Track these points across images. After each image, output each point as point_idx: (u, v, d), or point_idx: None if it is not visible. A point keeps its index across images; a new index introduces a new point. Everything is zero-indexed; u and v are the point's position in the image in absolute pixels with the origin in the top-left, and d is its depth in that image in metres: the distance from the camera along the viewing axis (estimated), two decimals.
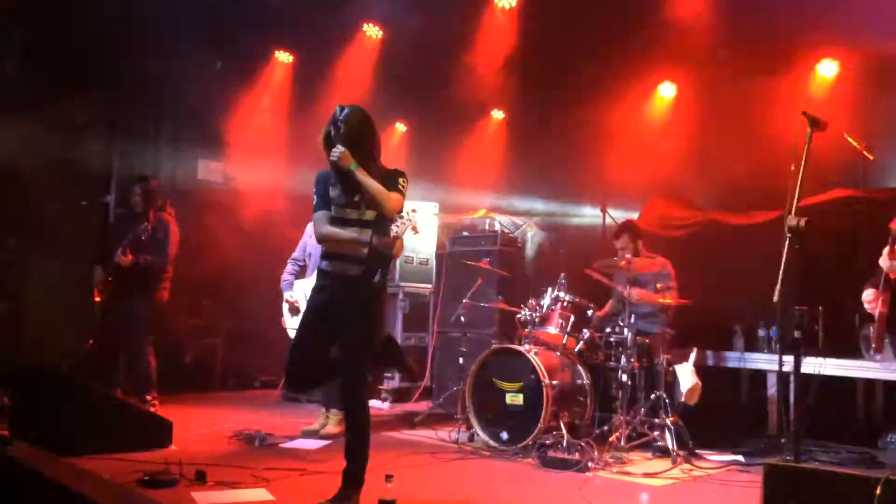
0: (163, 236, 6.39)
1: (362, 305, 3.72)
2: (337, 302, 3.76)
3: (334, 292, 3.79)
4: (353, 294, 3.73)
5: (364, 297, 3.72)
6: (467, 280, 6.79)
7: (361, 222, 3.79)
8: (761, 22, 6.18)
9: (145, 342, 6.35)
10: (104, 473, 3.98)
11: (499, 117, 8.91)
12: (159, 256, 6.34)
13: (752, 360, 5.96)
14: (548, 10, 6.82)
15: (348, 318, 3.71)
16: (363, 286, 3.70)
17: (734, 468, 5.08)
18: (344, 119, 3.73)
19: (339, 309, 3.74)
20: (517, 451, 5.25)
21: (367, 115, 3.83)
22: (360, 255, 3.74)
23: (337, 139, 3.70)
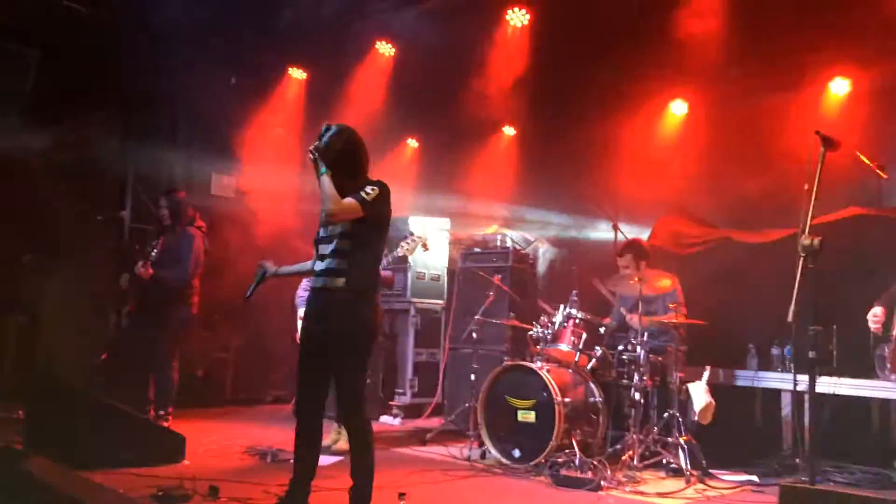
0: (184, 252, 6.35)
1: (346, 316, 3.65)
2: (322, 317, 3.73)
3: (318, 310, 3.77)
4: (336, 307, 3.68)
5: (347, 307, 3.65)
6: (479, 296, 6.79)
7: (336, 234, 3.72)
8: (773, 40, 6.19)
9: (171, 357, 6.34)
10: (118, 488, 3.99)
11: (510, 134, 8.94)
12: (178, 272, 6.30)
13: (766, 379, 5.92)
14: (559, 28, 6.85)
15: (334, 331, 3.67)
16: (345, 299, 3.65)
17: (748, 488, 5.05)
18: (327, 137, 3.72)
19: (325, 324, 3.71)
20: (529, 468, 5.23)
21: (351, 134, 3.80)
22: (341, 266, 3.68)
23: (319, 156, 3.68)
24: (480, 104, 7.49)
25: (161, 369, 6.31)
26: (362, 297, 3.70)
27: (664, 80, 6.93)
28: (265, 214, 8.16)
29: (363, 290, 3.71)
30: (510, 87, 7.26)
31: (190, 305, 6.46)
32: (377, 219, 3.73)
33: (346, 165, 3.73)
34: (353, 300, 3.66)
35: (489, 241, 8.14)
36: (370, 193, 3.65)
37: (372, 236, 3.75)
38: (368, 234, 3.72)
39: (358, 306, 3.67)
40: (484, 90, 7.33)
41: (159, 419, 6.07)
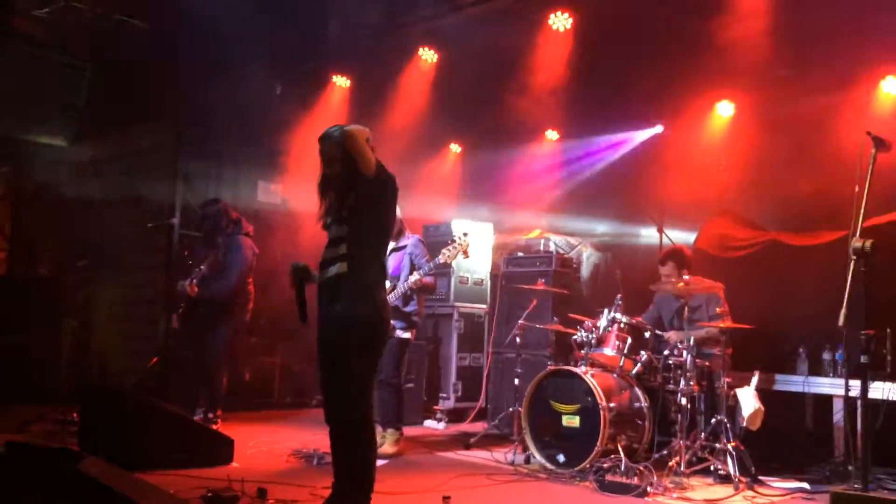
0: (231, 261, 6.44)
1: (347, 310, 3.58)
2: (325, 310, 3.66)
3: (324, 300, 3.68)
4: (337, 298, 3.61)
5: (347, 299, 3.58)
6: (522, 301, 6.79)
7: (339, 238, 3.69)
8: (823, 39, 6.07)
9: (222, 361, 6.47)
10: (168, 489, 4.08)
11: (553, 137, 8.92)
12: (224, 284, 6.40)
13: (817, 384, 5.80)
14: (602, 31, 6.81)
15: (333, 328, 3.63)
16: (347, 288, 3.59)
17: (799, 496, 4.95)
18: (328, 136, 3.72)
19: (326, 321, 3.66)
20: (574, 474, 5.20)
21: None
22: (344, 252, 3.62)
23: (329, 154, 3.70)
24: (523, 108, 7.48)
25: (211, 373, 6.44)
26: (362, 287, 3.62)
27: (710, 81, 6.84)
28: (310, 220, 8.26)
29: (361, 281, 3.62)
30: (553, 91, 7.24)
31: (243, 313, 6.57)
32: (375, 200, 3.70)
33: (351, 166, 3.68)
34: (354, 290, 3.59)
35: (532, 246, 8.13)
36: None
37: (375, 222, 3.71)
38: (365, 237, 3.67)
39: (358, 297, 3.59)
40: (526, 94, 7.32)
41: (209, 422, 6.20)
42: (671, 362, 5.57)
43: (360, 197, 3.65)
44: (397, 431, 5.90)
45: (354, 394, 3.58)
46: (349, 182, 3.67)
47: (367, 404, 3.65)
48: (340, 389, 3.61)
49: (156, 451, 4.80)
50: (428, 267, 5.73)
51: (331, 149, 3.69)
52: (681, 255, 6.08)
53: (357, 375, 3.59)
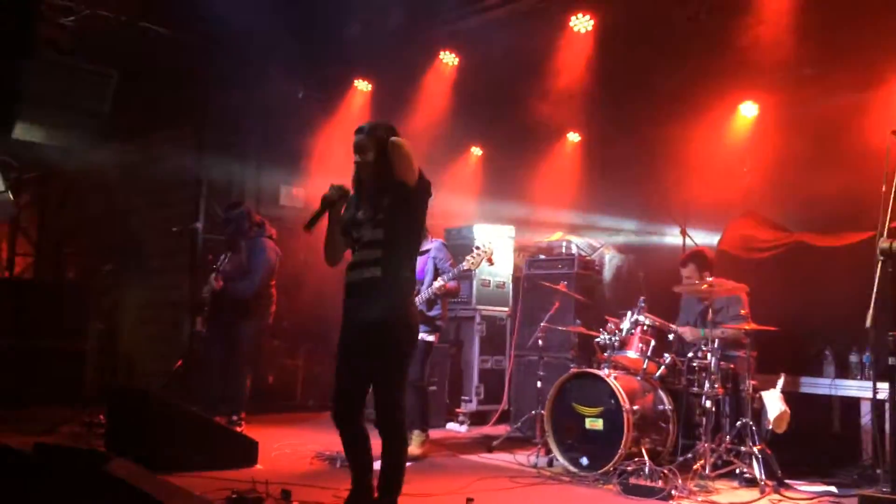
0: (255, 264, 6.49)
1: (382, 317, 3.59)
2: (356, 321, 3.66)
3: (355, 305, 3.67)
4: (370, 308, 3.60)
5: (381, 310, 3.58)
6: (544, 303, 6.78)
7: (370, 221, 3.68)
8: (848, 38, 6.01)
9: (245, 364, 6.52)
10: (194, 491, 4.11)
11: (575, 140, 8.89)
12: (247, 284, 6.45)
13: (844, 386, 5.73)
14: (624, 32, 6.79)
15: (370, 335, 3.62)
16: (379, 298, 3.59)
17: (826, 500, 4.89)
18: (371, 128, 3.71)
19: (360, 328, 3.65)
20: (598, 477, 5.18)
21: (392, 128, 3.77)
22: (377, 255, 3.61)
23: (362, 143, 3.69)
24: (544, 110, 7.48)
25: (235, 376, 6.49)
26: (397, 296, 3.63)
27: (733, 81, 6.79)
28: None
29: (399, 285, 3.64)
30: (574, 92, 7.22)
31: (267, 315, 6.62)
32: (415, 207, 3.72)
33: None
34: (389, 299, 3.59)
35: (554, 248, 8.10)
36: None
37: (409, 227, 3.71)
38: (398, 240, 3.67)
39: (393, 306, 3.60)
40: (548, 96, 7.31)
41: (232, 424, 6.23)
42: (695, 365, 5.53)
43: (395, 201, 3.65)
44: (423, 433, 5.94)
45: (398, 398, 3.64)
46: (383, 185, 3.67)
47: (405, 407, 3.70)
48: (383, 394, 3.64)
49: (181, 453, 4.84)
50: (452, 272, 5.75)
51: (364, 141, 3.70)
52: (702, 257, 6.05)
53: (398, 380, 3.65)
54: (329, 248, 3.81)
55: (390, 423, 3.64)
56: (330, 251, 3.82)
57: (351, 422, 3.75)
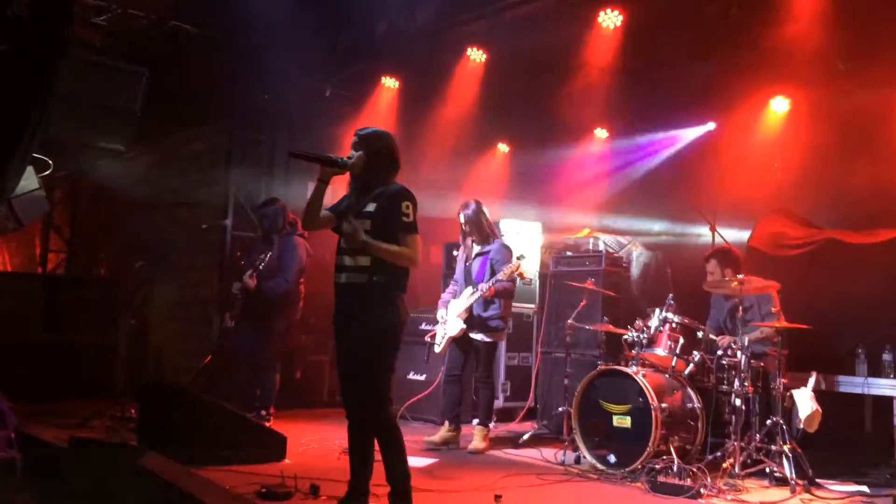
0: (287, 261, 6.56)
1: (372, 316, 3.73)
2: (347, 315, 3.81)
3: (345, 306, 3.84)
4: (361, 305, 3.75)
5: (371, 306, 3.73)
6: (571, 300, 6.75)
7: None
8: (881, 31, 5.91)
9: (274, 360, 6.64)
10: (223, 484, 4.16)
11: (602, 136, 8.85)
12: (279, 282, 6.52)
13: (877, 385, 5.64)
14: (653, 28, 6.74)
15: (359, 330, 3.75)
16: (370, 296, 3.73)
17: (858, 499, 4.83)
18: (365, 136, 3.91)
19: (351, 322, 3.80)
20: (625, 474, 5.15)
21: (388, 138, 3.98)
22: (363, 263, 3.75)
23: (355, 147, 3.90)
24: (572, 107, 7.45)
25: (264, 371, 6.59)
26: (386, 295, 3.76)
27: (764, 77, 6.72)
28: None
29: (387, 287, 3.77)
30: (602, 89, 7.19)
31: (295, 311, 6.72)
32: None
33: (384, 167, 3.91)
34: (377, 298, 3.74)
35: (581, 245, 8.07)
36: (409, 215, 3.79)
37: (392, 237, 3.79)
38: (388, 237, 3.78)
39: (380, 302, 3.75)
40: (576, 93, 7.28)
41: (261, 419, 6.31)
42: (725, 363, 5.49)
43: (383, 205, 3.80)
44: (486, 428, 6.18)
45: (383, 394, 3.77)
46: (369, 188, 3.86)
47: (391, 400, 3.84)
48: (369, 393, 3.77)
49: (211, 448, 4.90)
50: (490, 282, 5.95)
51: (358, 141, 3.91)
52: (725, 253, 6.01)
53: (383, 377, 3.78)
54: (308, 213, 3.93)
55: (377, 419, 3.76)
56: (308, 217, 3.95)
57: (357, 416, 3.88)
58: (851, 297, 5.97)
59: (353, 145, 3.93)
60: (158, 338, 9.16)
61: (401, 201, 3.79)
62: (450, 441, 6.14)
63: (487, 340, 6.15)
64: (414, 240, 3.79)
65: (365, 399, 3.79)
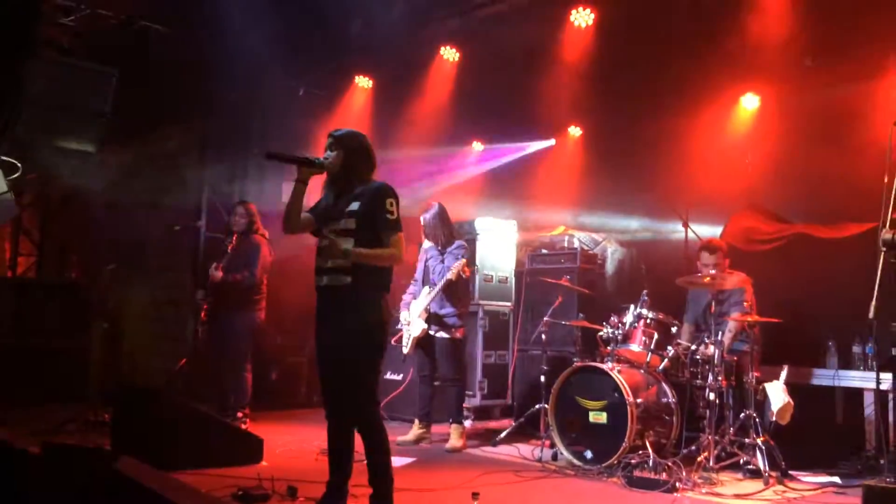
0: (252, 256, 6.62)
1: (354, 317, 3.73)
2: (329, 319, 3.81)
3: (327, 308, 3.83)
4: (343, 306, 3.75)
5: (354, 309, 3.74)
6: (547, 298, 6.78)
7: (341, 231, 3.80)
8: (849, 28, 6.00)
9: (243, 360, 6.63)
10: (200, 488, 4.13)
11: (576, 134, 8.89)
12: (248, 276, 6.57)
13: (847, 377, 5.73)
14: (624, 26, 6.79)
15: (342, 332, 3.75)
16: (351, 298, 3.73)
17: (830, 490, 4.91)
18: (340, 136, 3.90)
19: (334, 326, 3.79)
20: (602, 470, 5.19)
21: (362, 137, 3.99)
22: (342, 264, 3.73)
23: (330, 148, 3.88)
24: (546, 105, 7.48)
25: (234, 373, 6.59)
26: (368, 296, 3.77)
27: (734, 74, 6.79)
28: None
29: (369, 288, 3.77)
30: (575, 87, 7.23)
31: (258, 311, 6.73)
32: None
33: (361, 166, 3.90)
34: (361, 299, 3.74)
35: (556, 243, 8.10)
36: (393, 212, 3.79)
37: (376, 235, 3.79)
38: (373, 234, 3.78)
39: (365, 305, 3.75)
40: (549, 91, 7.31)
41: (237, 421, 6.30)
42: (699, 357, 5.54)
43: (366, 203, 3.79)
44: (460, 426, 6.23)
45: (371, 394, 3.80)
46: (349, 189, 3.85)
47: (378, 401, 3.89)
48: (357, 393, 3.76)
49: (187, 451, 4.86)
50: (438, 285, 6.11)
51: (333, 142, 3.90)
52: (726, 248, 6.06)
53: (370, 378, 3.81)
54: (289, 216, 3.88)
55: (365, 419, 3.77)
56: (288, 220, 3.89)
57: (338, 416, 3.88)
58: (822, 290, 6.06)
59: (328, 146, 3.92)
60: (132, 341, 9.04)
61: (385, 198, 3.78)
62: (421, 439, 6.24)
63: (446, 337, 6.19)
64: (398, 238, 3.79)
65: (351, 400, 3.77)
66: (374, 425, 3.77)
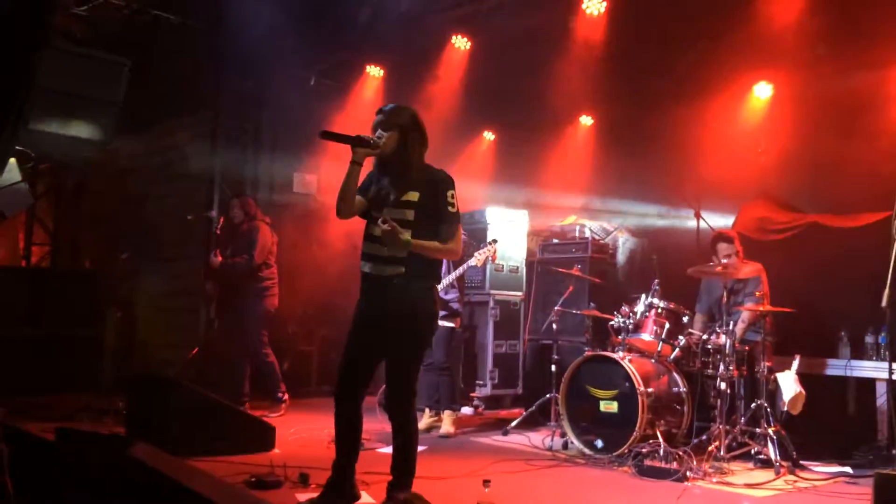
0: (252, 241, 6.76)
1: (405, 308, 3.61)
2: (378, 308, 3.68)
3: (375, 298, 3.69)
4: (395, 296, 3.61)
5: (406, 300, 3.61)
6: (558, 287, 6.79)
7: (401, 222, 3.55)
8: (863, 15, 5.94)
9: (260, 345, 6.76)
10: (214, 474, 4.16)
11: (588, 123, 8.86)
12: (247, 259, 6.70)
13: (860, 367, 5.71)
14: (636, 14, 6.74)
15: (392, 324, 3.64)
16: (404, 288, 3.60)
17: (842, 480, 4.90)
18: (392, 112, 3.66)
19: (382, 315, 3.66)
20: (612, 459, 5.20)
21: (415, 112, 3.75)
22: (399, 253, 3.56)
23: (381, 126, 3.62)
24: (557, 94, 7.44)
25: (258, 359, 6.75)
26: (423, 286, 3.66)
27: (747, 62, 6.73)
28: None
29: (422, 279, 3.67)
30: (587, 75, 7.18)
31: (268, 297, 6.83)
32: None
33: (413, 143, 3.67)
34: (414, 290, 3.62)
35: (568, 232, 8.09)
36: (455, 205, 3.63)
37: (435, 227, 3.66)
38: (432, 226, 3.64)
39: (418, 296, 3.63)
40: (560, 80, 7.28)
41: (277, 402, 6.71)
42: (710, 347, 5.53)
43: (427, 194, 3.63)
44: (454, 412, 6.31)
45: (413, 385, 3.72)
46: (406, 175, 3.65)
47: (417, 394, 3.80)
48: (400, 382, 3.70)
49: (200, 438, 4.90)
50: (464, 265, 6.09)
51: (385, 119, 3.65)
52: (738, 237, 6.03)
53: (414, 368, 3.73)
54: (344, 199, 3.66)
55: (405, 409, 3.70)
56: (344, 204, 3.67)
57: (351, 399, 3.78)
58: (834, 280, 6.03)
59: (378, 124, 3.64)
60: (145, 330, 9.12)
61: (447, 190, 3.62)
62: (432, 427, 6.30)
63: (448, 325, 6.21)
64: (458, 231, 3.67)
65: (395, 391, 3.70)
66: (411, 417, 3.72)
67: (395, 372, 3.70)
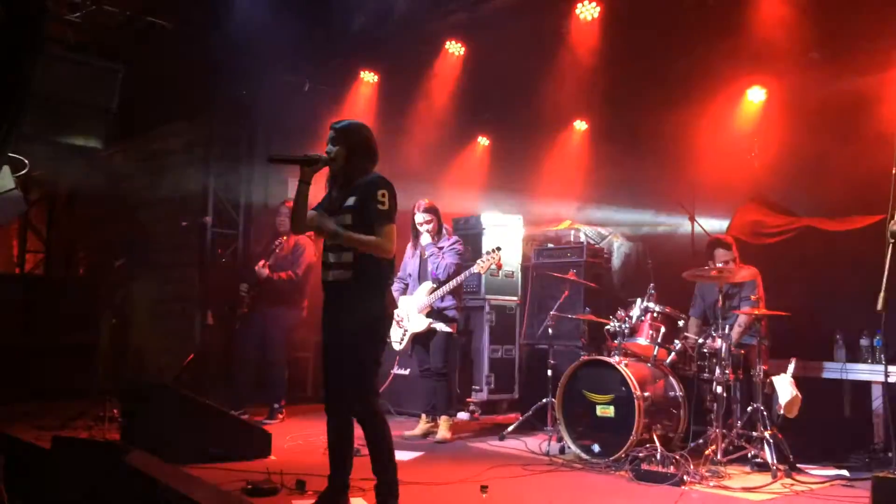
0: (299, 255, 6.87)
1: (356, 310, 3.75)
2: (332, 312, 3.84)
3: (328, 302, 3.87)
4: (346, 300, 3.78)
5: (355, 301, 3.76)
6: (554, 292, 6.80)
7: (343, 227, 3.78)
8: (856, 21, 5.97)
9: (282, 354, 6.90)
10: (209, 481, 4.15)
11: (582, 128, 8.87)
12: (293, 276, 6.81)
13: (855, 370, 5.73)
14: (630, 19, 6.76)
15: (344, 324, 3.77)
16: (351, 290, 3.76)
17: (838, 483, 4.90)
18: (342, 129, 3.89)
19: (335, 319, 3.82)
20: (609, 463, 5.20)
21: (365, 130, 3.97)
22: (347, 259, 3.76)
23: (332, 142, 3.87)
24: (551, 99, 7.46)
25: (274, 366, 6.87)
26: (370, 288, 3.78)
27: (740, 67, 6.76)
28: None
29: (371, 281, 3.78)
30: (581, 81, 7.20)
31: (301, 308, 6.98)
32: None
33: (361, 156, 3.89)
34: (362, 293, 3.76)
35: (563, 237, 8.11)
36: (385, 203, 3.77)
37: (369, 227, 3.78)
38: (367, 227, 3.77)
39: (366, 298, 3.76)
40: (554, 85, 7.29)
41: (275, 412, 6.73)
42: (706, 351, 5.54)
43: (360, 197, 3.79)
44: (450, 418, 6.32)
45: (370, 385, 3.83)
46: (350, 181, 3.85)
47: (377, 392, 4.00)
48: (356, 383, 3.78)
49: (195, 445, 4.89)
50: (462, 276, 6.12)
51: (335, 136, 3.88)
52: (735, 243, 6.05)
53: (369, 369, 3.82)
54: (296, 217, 3.87)
55: (363, 408, 3.78)
56: (295, 222, 3.90)
57: (337, 413, 3.88)
58: (829, 283, 6.06)
59: (331, 140, 3.91)
60: (139, 337, 9.09)
61: (376, 190, 3.78)
62: (428, 433, 6.30)
63: (447, 331, 6.22)
64: (388, 229, 3.77)
65: (352, 391, 3.78)
66: (374, 415, 3.79)
67: (351, 371, 3.78)
